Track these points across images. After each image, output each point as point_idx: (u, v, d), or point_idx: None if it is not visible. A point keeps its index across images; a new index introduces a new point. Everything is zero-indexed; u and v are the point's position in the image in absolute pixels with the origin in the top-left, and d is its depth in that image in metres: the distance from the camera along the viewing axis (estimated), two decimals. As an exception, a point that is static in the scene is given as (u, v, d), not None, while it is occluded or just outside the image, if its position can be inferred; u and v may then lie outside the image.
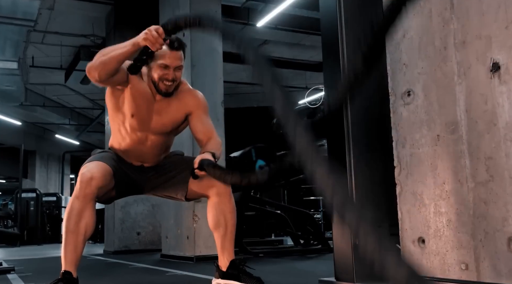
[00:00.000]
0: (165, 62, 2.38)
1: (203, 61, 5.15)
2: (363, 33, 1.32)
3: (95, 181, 2.23)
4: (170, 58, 2.38)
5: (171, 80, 2.41)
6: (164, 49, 2.37)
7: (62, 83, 11.03)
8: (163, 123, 2.51)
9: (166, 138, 2.59)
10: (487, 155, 1.77)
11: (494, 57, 1.75)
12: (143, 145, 2.51)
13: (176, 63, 2.40)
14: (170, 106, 2.50)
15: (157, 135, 2.52)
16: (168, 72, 2.39)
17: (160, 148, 2.57)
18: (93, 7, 7.49)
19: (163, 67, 2.38)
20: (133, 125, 2.47)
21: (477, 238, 1.80)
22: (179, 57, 2.41)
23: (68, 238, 2.23)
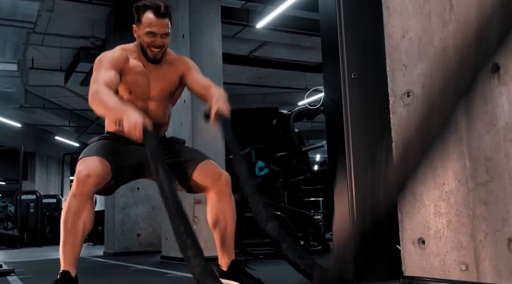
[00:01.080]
0: (152, 30, 2.43)
1: (202, 63, 5.15)
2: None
3: (92, 179, 2.22)
4: (156, 26, 2.43)
5: (158, 46, 2.46)
6: (151, 17, 2.43)
7: (62, 85, 11.03)
8: (161, 88, 2.56)
9: (165, 105, 2.62)
10: (487, 155, 1.77)
11: (494, 58, 1.75)
12: (144, 112, 2.50)
13: (162, 31, 2.45)
14: (164, 72, 2.56)
15: (157, 101, 2.56)
16: (156, 39, 2.45)
17: (160, 114, 2.60)
18: (93, 9, 7.50)
19: (150, 35, 2.44)
20: (132, 99, 2.52)
21: (477, 239, 1.80)
22: (165, 24, 2.46)
23: (66, 237, 2.23)
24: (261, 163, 5.22)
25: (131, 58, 2.53)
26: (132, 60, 2.53)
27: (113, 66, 2.43)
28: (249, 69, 10.59)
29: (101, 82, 2.33)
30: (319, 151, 16.22)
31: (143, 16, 2.46)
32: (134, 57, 2.54)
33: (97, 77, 2.37)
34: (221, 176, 2.48)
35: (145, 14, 2.45)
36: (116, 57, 2.48)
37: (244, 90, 12.03)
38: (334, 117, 2.80)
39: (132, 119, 2.12)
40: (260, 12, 7.71)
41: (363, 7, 2.78)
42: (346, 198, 2.61)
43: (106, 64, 2.43)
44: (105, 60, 2.45)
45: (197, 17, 5.24)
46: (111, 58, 2.47)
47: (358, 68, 2.70)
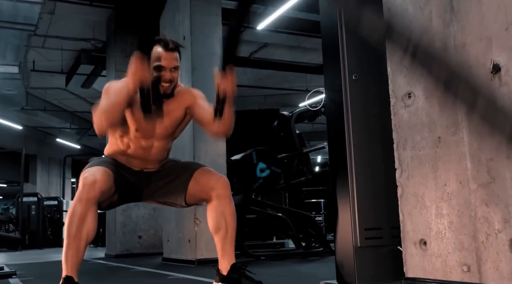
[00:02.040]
0: (161, 64, 2.39)
1: (203, 65, 5.16)
2: None
3: (98, 184, 2.22)
4: (166, 60, 2.40)
5: (168, 81, 2.42)
6: (160, 51, 2.39)
7: (63, 87, 11.05)
8: (166, 127, 2.52)
9: (168, 142, 2.60)
10: (488, 156, 1.77)
11: (495, 58, 1.75)
12: (147, 151, 2.51)
13: (172, 64, 2.41)
14: (170, 108, 2.51)
15: (161, 139, 2.53)
16: (165, 74, 2.40)
17: (162, 153, 2.58)
18: (94, 11, 7.51)
19: (159, 69, 2.39)
20: (138, 136, 2.48)
21: (479, 240, 1.80)
22: (174, 58, 2.43)
23: (69, 242, 2.22)
24: (262, 165, 5.22)
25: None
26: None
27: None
28: (250, 71, 10.59)
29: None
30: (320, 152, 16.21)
31: (152, 51, 2.40)
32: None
33: (101, 104, 2.33)
34: (219, 180, 2.48)
35: (154, 49, 2.40)
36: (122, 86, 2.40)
37: (245, 92, 12.04)
38: (335, 118, 2.79)
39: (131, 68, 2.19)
40: (261, 14, 7.71)
41: (363, 8, 2.78)
42: (348, 199, 2.61)
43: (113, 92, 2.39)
44: (112, 90, 2.39)
45: (198, 19, 5.25)
46: (118, 88, 2.41)
47: (359, 69, 2.70)
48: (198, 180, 2.48)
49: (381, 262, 2.56)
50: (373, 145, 2.66)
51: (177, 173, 2.55)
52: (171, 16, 5.57)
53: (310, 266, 4.51)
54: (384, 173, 2.59)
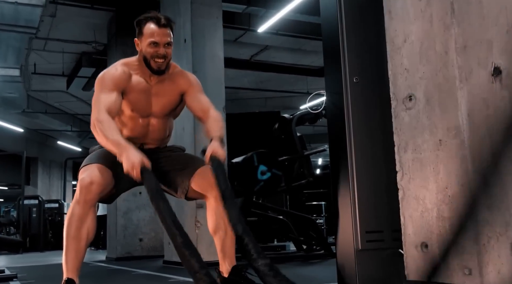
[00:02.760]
0: (154, 40, 2.42)
1: (204, 67, 5.16)
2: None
3: (95, 186, 2.23)
4: (158, 35, 2.43)
5: (162, 56, 2.44)
6: (152, 27, 2.43)
7: (64, 90, 11.06)
8: (162, 105, 2.56)
9: (166, 120, 2.63)
10: (489, 159, 1.77)
11: (496, 61, 1.75)
12: (145, 128, 2.55)
13: (165, 40, 2.44)
14: (165, 88, 2.55)
15: (158, 118, 2.57)
16: (158, 49, 2.43)
17: (161, 130, 2.61)
18: (95, 14, 7.53)
19: (153, 45, 2.43)
20: (134, 115, 2.52)
21: (480, 243, 1.79)
22: (167, 33, 2.46)
23: (69, 244, 2.23)
24: (263, 167, 5.21)
25: (134, 74, 2.51)
26: (135, 76, 2.51)
27: (115, 86, 2.42)
28: (250, 74, 10.60)
29: (102, 108, 2.32)
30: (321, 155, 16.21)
31: (144, 28, 2.46)
32: (136, 73, 2.51)
33: (98, 100, 2.36)
34: None
35: (146, 25, 2.45)
36: (118, 76, 2.46)
37: (245, 95, 12.05)
38: (336, 121, 2.79)
39: (131, 159, 2.16)
40: (262, 17, 7.72)
41: (365, 11, 2.78)
42: (349, 202, 2.61)
43: (109, 84, 2.41)
44: (107, 80, 2.42)
45: (199, 21, 5.26)
46: (113, 78, 2.44)
47: (360, 72, 2.70)
48: (202, 176, 2.47)
49: (382, 265, 2.56)
50: (374, 147, 2.65)
51: (182, 164, 2.55)
52: (172, 19, 5.57)
53: (311, 269, 4.50)
54: (385, 176, 2.59)
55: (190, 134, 5.04)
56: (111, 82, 2.42)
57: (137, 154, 2.18)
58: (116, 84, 2.43)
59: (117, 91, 2.42)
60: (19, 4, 5.80)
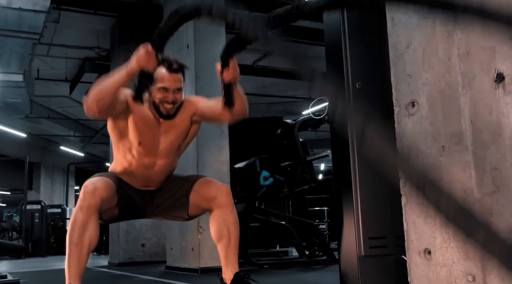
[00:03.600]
0: (164, 85, 2.38)
1: (207, 73, 5.17)
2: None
3: (98, 192, 2.23)
4: (169, 81, 2.38)
5: (171, 102, 2.40)
6: (163, 72, 2.37)
7: (67, 95, 11.09)
8: (171, 141, 2.50)
9: (173, 160, 2.57)
10: (492, 165, 1.77)
11: (498, 67, 1.75)
12: (150, 170, 2.49)
13: (175, 86, 2.40)
14: (174, 122, 2.49)
15: (165, 158, 2.50)
16: (168, 95, 2.39)
17: (166, 172, 2.56)
18: (98, 19, 7.56)
19: (163, 90, 2.38)
20: (141, 152, 2.45)
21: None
22: (178, 79, 2.41)
23: (71, 250, 2.22)
24: (266, 173, 5.21)
25: (140, 104, 2.41)
26: (142, 106, 2.42)
27: (122, 91, 2.35)
28: (253, 79, 10.61)
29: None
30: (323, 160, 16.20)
31: (155, 72, 2.36)
32: (147, 106, 2.44)
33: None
34: (220, 189, 2.47)
35: (157, 70, 2.36)
36: (126, 91, 2.39)
37: (248, 100, 11.99)
38: (338, 127, 2.79)
39: (135, 56, 2.16)
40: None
41: (367, 17, 2.79)
42: (352, 208, 2.61)
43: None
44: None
45: (201, 27, 5.27)
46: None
47: (362, 78, 2.71)
48: (199, 190, 2.48)
49: (385, 271, 2.55)
50: (377, 153, 2.65)
51: (178, 186, 2.54)
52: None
53: (313, 274, 4.49)
54: (388, 182, 2.59)
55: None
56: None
57: (136, 53, 2.17)
58: (124, 92, 2.37)
59: (124, 95, 2.36)
60: (23, 10, 5.82)
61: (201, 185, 2.49)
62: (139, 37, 2.53)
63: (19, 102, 9.30)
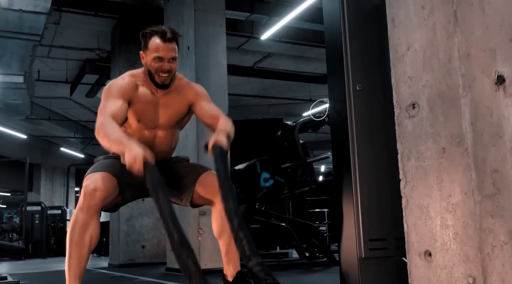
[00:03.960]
0: (159, 55, 2.42)
1: (207, 74, 5.18)
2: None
3: (99, 192, 2.23)
4: (163, 50, 2.42)
5: (166, 71, 2.44)
6: (157, 42, 2.42)
7: (68, 96, 11.10)
8: (169, 117, 2.56)
9: (172, 132, 2.63)
10: (493, 167, 1.76)
11: (499, 70, 1.75)
12: (151, 140, 2.54)
13: (170, 55, 2.44)
14: (173, 100, 2.55)
15: (165, 129, 2.57)
16: (163, 64, 2.43)
17: (168, 142, 2.61)
18: (99, 21, 7.57)
19: (157, 60, 2.42)
20: (141, 127, 2.52)
21: (484, 252, 1.79)
22: (172, 48, 2.45)
23: (72, 250, 2.22)
24: (266, 174, 5.21)
25: (140, 85, 2.52)
26: (141, 88, 2.51)
27: (121, 95, 2.43)
28: (253, 81, 10.62)
29: (107, 114, 2.33)
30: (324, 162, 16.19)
31: (149, 42, 2.46)
32: (142, 84, 2.52)
33: (104, 107, 2.37)
34: None
35: (151, 40, 2.44)
36: (125, 86, 2.47)
37: (248, 102, 12.06)
38: (339, 128, 2.79)
39: (133, 153, 2.14)
40: (265, 24, 7.74)
41: (368, 19, 2.79)
42: (352, 210, 2.60)
43: (115, 93, 2.43)
44: (113, 89, 2.44)
45: (202, 29, 5.28)
46: (119, 87, 2.46)
47: (363, 80, 2.71)
48: (206, 181, 2.48)
49: (386, 273, 2.55)
50: (377, 155, 2.65)
51: (186, 172, 2.56)
52: (176, 27, 5.60)
53: (313, 276, 4.49)
54: (388, 184, 2.59)
55: (193, 141, 5.05)
56: (117, 91, 2.44)
57: (139, 148, 2.17)
58: (122, 92, 2.44)
59: (123, 99, 2.43)
60: (24, 11, 5.83)
61: (207, 178, 2.49)
62: (139, 39, 2.54)
63: (20, 103, 9.31)
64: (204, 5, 5.34)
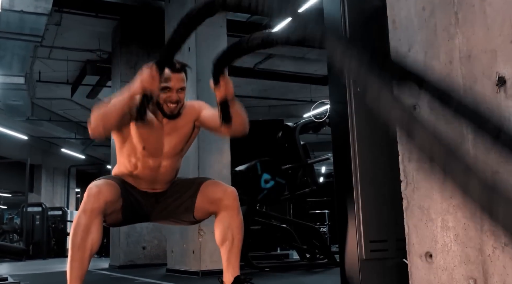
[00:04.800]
0: (167, 85, 2.39)
1: (208, 76, 5.14)
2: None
3: (103, 195, 2.22)
4: (172, 81, 2.40)
5: (175, 102, 2.41)
6: (166, 72, 2.38)
7: (68, 97, 11.10)
8: (175, 143, 2.51)
9: (176, 161, 2.58)
10: (494, 169, 1.76)
11: (500, 71, 1.75)
12: (155, 171, 2.49)
13: (178, 85, 2.42)
14: (177, 124, 2.51)
15: (169, 158, 2.51)
16: (171, 95, 2.40)
17: (171, 172, 2.56)
18: (99, 22, 7.57)
19: (166, 90, 2.39)
20: (145, 155, 2.46)
21: (486, 253, 1.78)
22: (181, 78, 2.44)
23: (74, 253, 2.22)
24: (267, 176, 5.21)
25: (148, 110, 2.44)
26: (148, 113, 2.44)
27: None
28: (254, 82, 10.62)
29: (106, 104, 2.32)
30: (324, 163, 16.19)
31: None
32: (148, 110, 2.45)
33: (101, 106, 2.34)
34: (226, 191, 2.47)
35: None
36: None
37: (249, 103, 12.05)
38: (340, 130, 2.79)
39: (142, 75, 2.14)
40: (265, 25, 7.75)
41: (369, 20, 2.79)
42: (353, 211, 2.60)
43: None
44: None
45: (203, 30, 5.28)
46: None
47: (363, 81, 2.70)
48: (205, 193, 2.47)
49: (387, 275, 2.55)
50: (378, 156, 2.65)
51: (184, 189, 2.53)
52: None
53: (314, 278, 4.48)
54: (389, 185, 2.59)
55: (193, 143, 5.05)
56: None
57: (143, 72, 2.16)
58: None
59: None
60: (25, 12, 5.84)
61: (207, 187, 2.48)
62: (140, 40, 2.54)
63: (21, 104, 9.33)
64: (205, 6, 5.34)
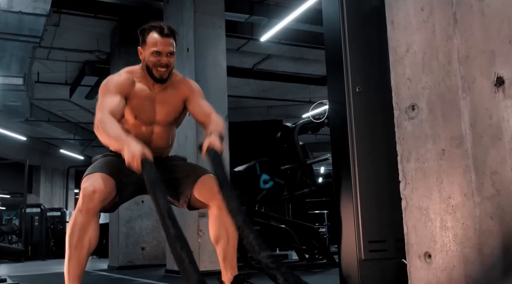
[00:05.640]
0: (157, 49, 2.47)
1: (207, 76, 5.18)
2: None
3: (97, 195, 2.23)
4: (161, 45, 2.48)
5: (164, 65, 2.49)
6: (155, 37, 2.48)
7: (67, 98, 11.10)
8: (166, 113, 2.59)
9: (169, 129, 2.65)
10: (492, 169, 1.77)
11: (498, 71, 1.75)
12: (148, 137, 2.56)
13: (167, 49, 2.49)
14: (170, 96, 2.59)
15: (162, 126, 2.60)
16: (161, 58, 2.48)
17: (165, 138, 2.63)
18: (98, 23, 7.57)
19: (156, 54, 2.48)
20: (138, 123, 2.55)
21: (484, 253, 1.79)
22: (170, 43, 2.51)
23: (71, 253, 2.22)
24: (266, 176, 5.21)
25: (137, 81, 2.55)
26: (138, 84, 2.55)
27: (118, 91, 2.47)
28: (253, 82, 10.62)
29: (105, 110, 2.36)
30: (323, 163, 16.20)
31: (148, 37, 2.52)
32: (139, 80, 2.56)
33: (102, 104, 2.41)
34: None
35: (150, 35, 2.51)
36: (122, 82, 2.51)
37: (248, 103, 12.06)
38: (338, 130, 2.80)
39: (132, 150, 2.17)
40: (264, 26, 7.75)
41: (367, 21, 2.79)
42: (352, 212, 2.60)
43: (112, 89, 2.46)
44: (111, 85, 2.48)
45: (201, 31, 5.28)
46: (116, 83, 2.50)
47: (362, 81, 2.71)
48: (205, 184, 2.47)
49: (386, 275, 2.55)
50: (377, 157, 2.65)
51: (184, 173, 2.55)
52: (175, 28, 5.61)
53: (313, 278, 4.48)
54: (388, 185, 2.59)
55: (193, 144, 5.05)
56: (114, 87, 2.48)
57: (138, 145, 2.19)
58: (119, 89, 2.48)
59: (120, 95, 2.46)
60: (23, 13, 5.83)
61: (206, 181, 2.49)
62: (139, 41, 2.56)
63: (19, 105, 9.31)
64: (204, 7, 5.34)
